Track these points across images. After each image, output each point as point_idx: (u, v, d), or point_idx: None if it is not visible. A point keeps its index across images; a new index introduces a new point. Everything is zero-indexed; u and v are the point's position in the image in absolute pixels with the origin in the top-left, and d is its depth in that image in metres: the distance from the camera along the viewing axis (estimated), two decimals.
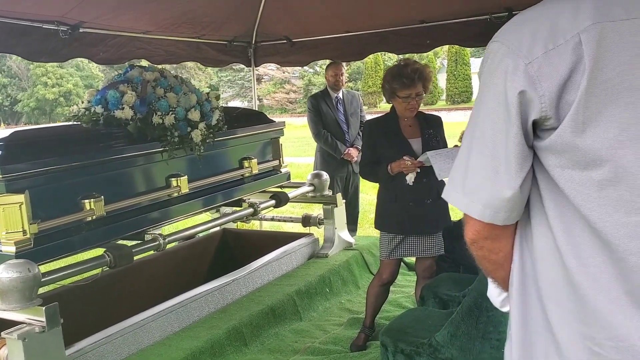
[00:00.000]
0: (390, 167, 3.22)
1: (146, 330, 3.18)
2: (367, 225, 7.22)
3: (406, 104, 3.21)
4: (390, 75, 3.22)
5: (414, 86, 3.16)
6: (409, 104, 3.21)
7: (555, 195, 1.04)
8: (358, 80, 35.27)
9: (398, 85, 3.17)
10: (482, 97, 1.06)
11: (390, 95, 3.25)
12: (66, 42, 3.96)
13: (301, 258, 4.60)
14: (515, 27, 1.04)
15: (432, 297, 3.10)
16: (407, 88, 3.16)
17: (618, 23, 0.95)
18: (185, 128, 3.52)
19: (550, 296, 1.06)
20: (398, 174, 3.23)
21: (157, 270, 4.19)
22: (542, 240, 1.07)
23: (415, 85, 3.17)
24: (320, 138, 5.30)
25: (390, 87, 3.22)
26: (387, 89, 3.26)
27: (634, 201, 0.96)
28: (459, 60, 33.13)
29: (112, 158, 3.20)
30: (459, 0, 4.43)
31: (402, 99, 3.21)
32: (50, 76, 37.68)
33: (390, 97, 3.27)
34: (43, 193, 2.82)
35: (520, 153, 1.02)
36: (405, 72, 3.15)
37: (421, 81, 3.18)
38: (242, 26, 5.29)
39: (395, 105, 3.30)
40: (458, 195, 1.10)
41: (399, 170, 3.21)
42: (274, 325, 3.67)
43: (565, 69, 0.95)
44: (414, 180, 3.21)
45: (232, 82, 40.19)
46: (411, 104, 3.22)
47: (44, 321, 2.50)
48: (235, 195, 4.14)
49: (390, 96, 3.26)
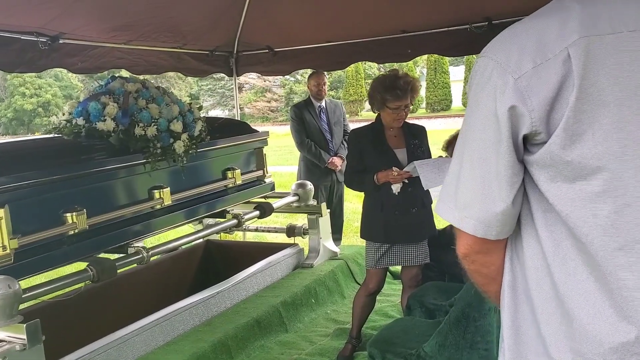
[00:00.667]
0: (377, 177, 3.22)
1: (130, 345, 3.14)
2: (352, 234, 7.22)
3: (395, 115, 3.24)
4: (382, 86, 3.22)
5: (405, 98, 3.20)
6: (398, 115, 3.24)
7: (544, 209, 1.04)
8: (339, 88, 35.39)
9: (391, 97, 3.19)
10: (472, 112, 1.06)
11: (380, 105, 3.26)
12: (44, 52, 3.91)
13: (286, 268, 4.57)
14: (503, 42, 1.04)
15: (418, 306, 3.10)
16: (399, 100, 3.19)
17: (604, 37, 0.96)
18: (167, 139, 3.50)
19: (541, 310, 1.06)
20: (384, 183, 3.24)
21: (140, 284, 4.14)
22: (532, 254, 1.07)
23: (407, 97, 3.20)
24: (304, 147, 5.30)
25: (381, 98, 3.23)
26: (377, 99, 3.26)
27: (620, 215, 0.97)
28: (438, 69, 33.44)
29: (94, 170, 3.16)
30: (439, 10, 4.46)
31: (392, 110, 3.23)
32: (28, 86, 37.25)
33: (379, 107, 3.28)
34: (24, 207, 2.77)
35: (511, 167, 1.02)
36: (399, 84, 3.17)
37: (411, 93, 3.22)
38: (223, 36, 5.28)
39: (384, 116, 3.31)
40: (450, 210, 1.10)
41: (385, 180, 3.22)
42: (260, 338, 3.64)
43: (554, 84, 0.96)
44: (399, 191, 3.22)
45: (212, 91, 40.09)
46: (400, 115, 3.24)
47: (25, 338, 2.44)
48: (219, 207, 4.11)
49: (380, 106, 3.27)
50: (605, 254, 0.97)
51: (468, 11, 4.35)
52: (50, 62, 4.07)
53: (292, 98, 35.30)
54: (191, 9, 4.57)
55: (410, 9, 4.56)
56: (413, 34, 4.76)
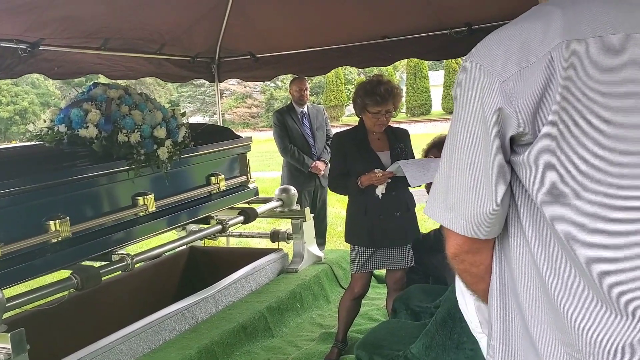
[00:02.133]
0: (360, 180, 3.24)
1: (116, 353, 3.11)
2: (335, 239, 7.24)
3: (376, 119, 3.27)
4: (363, 91, 3.26)
5: (385, 104, 3.23)
6: (379, 120, 3.27)
7: (531, 209, 1.07)
8: (319, 94, 35.46)
9: (370, 101, 3.22)
10: (459, 115, 1.09)
11: (361, 109, 3.30)
12: (22, 59, 3.87)
13: (271, 274, 4.57)
14: (489, 47, 1.07)
15: (403, 308, 3.12)
16: (379, 105, 3.22)
17: (584, 41, 0.99)
18: (151, 145, 3.48)
19: (529, 306, 1.09)
20: (368, 186, 3.26)
21: (124, 291, 4.11)
22: (519, 252, 1.10)
23: (387, 103, 3.23)
24: (287, 153, 5.31)
25: (362, 102, 3.27)
26: (358, 103, 3.30)
27: (604, 214, 1.00)
28: (418, 74, 33.70)
29: (77, 178, 3.13)
30: (420, 16, 4.51)
31: (372, 115, 3.26)
32: (4, 94, 36.71)
33: (361, 111, 3.32)
34: (6, 215, 2.74)
35: (499, 168, 1.05)
36: (379, 90, 3.21)
37: (392, 99, 3.25)
38: (205, 42, 5.28)
39: (365, 120, 3.35)
40: (440, 210, 1.12)
41: (369, 183, 3.24)
42: (246, 343, 3.63)
43: (539, 86, 0.99)
44: (384, 192, 3.25)
45: (192, 97, 39.93)
46: (380, 120, 3.28)
47: (10, 348, 2.42)
48: (203, 212, 4.10)
49: (361, 110, 3.31)
50: (583, 251, 1.01)
51: (448, 17, 4.41)
52: (27, 68, 4.03)
53: (272, 104, 35.30)
54: (171, 15, 4.57)
55: (391, 15, 4.61)
56: (394, 39, 4.81)
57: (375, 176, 3.21)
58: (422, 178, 3.04)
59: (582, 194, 1.00)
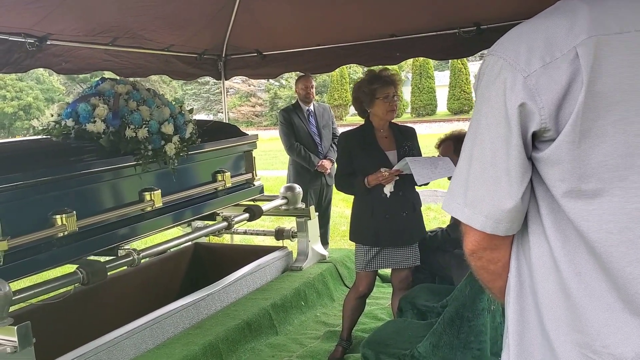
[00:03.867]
0: (367, 180, 3.22)
1: (120, 348, 3.11)
2: (339, 238, 7.24)
3: (387, 104, 3.25)
4: (366, 80, 3.27)
5: (393, 85, 3.25)
6: (390, 104, 3.25)
7: (552, 206, 1.05)
8: (324, 93, 35.45)
9: (379, 84, 3.22)
10: (481, 110, 1.07)
11: (371, 99, 3.26)
12: (30, 53, 3.88)
13: (275, 271, 4.57)
14: (512, 41, 1.05)
15: (410, 308, 3.11)
16: (388, 86, 3.23)
17: (612, 37, 0.97)
18: (158, 141, 3.48)
19: (547, 305, 1.07)
20: (375, 186, 3.24)
21: (129, 287, 4.11)
22: (538, 249, 1.08)
23: (395, 84, 3.27)
24: (293, 151, 5.30)
25: (369, 90, 3.24)
26: (366, 92, 3.26)
27: (627, 212, 0.98)
28: (424, 74, 33.66)
29: (84, 172, 3.12)
30: (428, 15, 4.50)
31: (383, 99, 3.24)
32: (9, 89, 36.79)
33: (370, 101, 3.27)
34: (13, 209, 2.73)
35: (521, 164, 1.03)
36: (383, 74, 3.26)
37: (397, 82, 3.29)
38: (212, 39, 5.27)
39: (376, 111, 3.30)
40: (459, 206, 1.11)
41: (376, 183, 3.22)
42: (251, 340, 3.63)
43: (563, 82, 0.97)
44: (392, 191, 3.23)
45: (197, 95, 39.97)
46: (392, 105, 3.26)
47: (16, 341, 2.41)
48: (209, 209, 4.09)
49: (371, 100, 3.27)
50: (607, 249, 0.99)
51: (457, 16, 4.40)
52: (35, 62, 4.03)
53: (276, 103, 35.32)
54: (180, 12, 4.56)
55: (399, 13, 4.60)
56: (402, 38, 4.80)
57: (382, 175, 3.19)
58: (429, 176, 3.02)
59: (605, 192, 0.98)
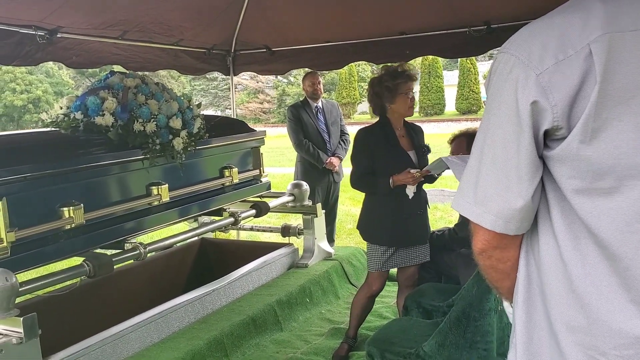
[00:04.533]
0: (393, 179, 3.19)
1: (125, 342, 3.11)
2: (345, 236, 7.23)
3: (409, 99, 3.26)
4: (389, 76, 3.22)
5: (413, 81, 3.28)
6: (411, 100, 3.27)
7: (562, 205, 1.04)
8: (332, 91, 35.44)
9: (402, 79, 3.21)
10: (492, 108, 1.06)
11: (394, 94, 3.22)
12: (41, 46, 3.89)
13: (281, 268, 4.56)
14: (524, 38, 1.04)
15: (415, 307, 3.10)
16: (410, 81, 3.24)
17: (626, 34, 0.96)
18: (166, 136, 3.48)
19: (555, 305, 1.06)
20: (395, 187, 3.21)
21: (135, 280, 4.11)
22: (548, 249, 1.07)
23: (415, 80, 3.30)
24: (301, 148, 5.28)
25: (393, 85, 3.20)
26: (389, 88, 3.21)
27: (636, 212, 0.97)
28: (432, 73, 33.59)
29: (92, 165, 3.13)
30: (438, 13, 4.48)
31: (405, 95, 3.23)
32: (19, 82, 36.97)
33: (392, 97, 3.22)
34: (21, 200, 2.74)
35: (532, 163, 1.02)
36: (404, 68, 3.25)
37: (416, 79, 3.34)
38: (221, 34, 5.27)
39: (397, 107, 3.26)
40: (469, 205, 1.09)
41: (402, 184, 3.20)
42: (255, 336, 3.63)
43: (576, 80, 0.96)
44: (415, 192, 3.23)
45: (205, 91, 40.04)
46: (412, 100, 3.28)
47: (22, 332, 2.43)
48: (216, 204, 4.09)
49: (393, 95, 3.22)
50: (618, 249, 0.98)
51: (467, 15, 4.38)
52: (45, 56, 4.05)
53: (284, 100, 35.35)
54: (190, 7, 4.57)
55: (409, 11, 4.59)
56: (412, 36, 4.78)
57: (412, 176, 3.16)
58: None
59: (618, 190, 0.97)
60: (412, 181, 3.19)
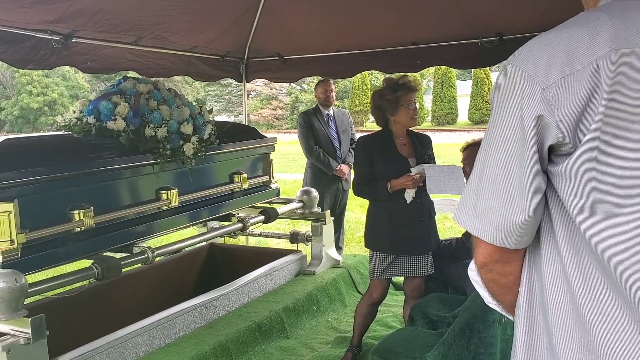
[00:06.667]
0: (391, 184, 3.22)
1: (131, 345, 3.13)
2: (354, 244, 7.23)
3: (411, 110, 3.28)
4: (389, 88, 3.27)
5: (414, 91, 3.29)
6: (413, 110, 3.29)
7: (566, 221, 1.03)
8: (345, 99, 35.49)
9: (403, 91, 3.24)
10: (496, 121, 1.06)
11: (395, 106, 3.26)
12: (56, 50, 3.93)
13: (288, 275, 4.57)
14: (531, 51, 1.03)
15: (421, 317, 3.10)
16: (411, 92, 3.27)
17: (634, 51, 0.95)
18: (177, 141, 3.51)
19: (557, 322, 1.05)
20: (395, 192, 3.23)
21: (142, 284, 4.14)
22: (550, 265, 1.06)
23: (417, 90, 3.31)
24: (312, 154, 5.31)
25: (394, 98, 3.25)
26: (390, 100, 3.26)
27: None
28: (445, 83, 33.57)
29: (102, 169, 3.17)
30: (451, 24, 4.49)
31: (406, 106, 3.26)
32: (35, 85, 37.41)
33: (394, 109, 3.27)
34: (32, 202, 2.78)
35: (535, 177, 1.01)
36: (404, 81, 3.28)
37: (417, 89, 3.35)
38: (235, 42, 5.32)
39: (399, 118, 3.30)
40: (469, 217, 1.09)
41: (399, 188, 3.22)
42: (261, 342, 3.63)
43: (583, 95, 0.95)
44: (413, 197, 3.23)
45: (219, 96, 40.26)
46: (414, 111, 3.30)
47: (30, 333, 2.45)
48: (225, 210, 4.12)
49: (395, 108, 3.27)
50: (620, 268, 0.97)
51: (480, 25, 4.38)
52: (60, 60, 4.09)
53: (297, 106, 35.44)
54: (204, 14, 4.61)
55: (421, 21, 4.60)
56: (423, 46, 4.80)
57: (411, 179, 3.19)
58: (440, 187, 3.02)
59: (622, 209, 0.96)
60: (412, 184, 3.20)
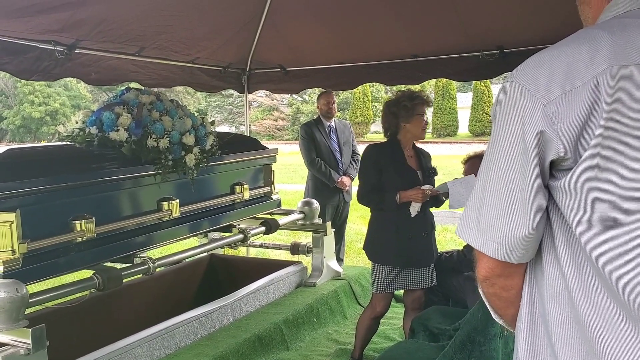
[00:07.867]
0: (400, 195, 3.22)
1: (132, 356, 3.12)
2: (355, 255, 7.22)
3: (423, 122, 3.33)
4: (407, 97, 3.30)
5: (429, 106, 3.38)
6: (425, 122, 3.35)
7: (567, 235, 1.04)
8: (346, 110, 35.57)
9: (420, 101, 3.28)
10: (498, 136, 1.07)
11: (411, 114, 3.29)
12: (60, 61, 3.95)
13: (289, 286, 4.56)
14: (532, 68, 1.05)
15: (422, 329, 3.09)
16: (427, 104, 3.33)
17: (633, 67, 0.97)
18: (179, 152, 3.52)
19: (559, 335, 1.05)
20: (401, 205, 3.23)
21: (143, 295, 4.14)
22: (552, 279, 1.06)
23: (429, 107, 3.40)
24: (313, 166, 5.32)
25: (411, 105, 3.28)
26: (408, 107, 3.28)
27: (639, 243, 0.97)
28: (446, 95, 33.67)
29: (104, 179, 3.18)
30: (452, 37, 4.52)
31: (421, 116, 3.31)
32: (37, 95, 37.53)
33: (409, 116, 3.29)
34: (34, 212, 2.78)
35: (537, 192, 1.02)
36: (420, 93, 3.35)
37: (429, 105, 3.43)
38: (237, 53, 5.34)
39: (411, 127, 3.32)
40: (472, 231, 1.10)
41: (408, 200, 3.22)
42: (261, 354, 3.62)
43: (583, 111, 0.96)
44: (418, 211, 3.24)
45: (220, 107, 40.36)
46: (425, 123, 3.37)
47: (30, 343, 2.44)
48: (226, 221, 4.12)
49: (410, 115, 3.29)
50: (621, 282, 0.98)
51: (480, 39, 4.41)
52: (64, 72, 4.10)
53: (299, 117, 35.53)
54: (206, 25, 4.64)
55: (423, 34, 4.63)
56: (425, 59, 4.82)
57: (422, 192, 3.20)
58: (462, 202, 3.04)
59: (622, 223, 0.97)
60: (421, 198, 3.20)
